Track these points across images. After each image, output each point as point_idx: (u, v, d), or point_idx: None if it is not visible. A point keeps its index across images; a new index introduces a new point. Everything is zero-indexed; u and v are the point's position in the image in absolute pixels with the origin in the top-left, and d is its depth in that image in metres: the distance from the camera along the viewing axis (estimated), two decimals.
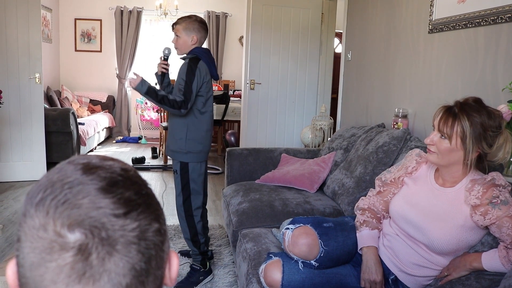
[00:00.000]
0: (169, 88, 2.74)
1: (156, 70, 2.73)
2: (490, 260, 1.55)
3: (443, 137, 1.63)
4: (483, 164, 1.66)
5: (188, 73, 2.47)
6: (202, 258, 2.71)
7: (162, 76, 2.70)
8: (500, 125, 1.59)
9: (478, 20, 2.30)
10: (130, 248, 0.48)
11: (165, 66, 2.67)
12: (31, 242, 0.48)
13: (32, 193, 0.50)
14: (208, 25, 7.64)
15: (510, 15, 2.07)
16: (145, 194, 0.53)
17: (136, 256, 0.48)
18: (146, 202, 0.52)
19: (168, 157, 4.43)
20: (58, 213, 0.47)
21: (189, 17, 2.63)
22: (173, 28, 2.62)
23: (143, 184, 0.55)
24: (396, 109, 3.03)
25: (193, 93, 2.47)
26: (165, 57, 2.67)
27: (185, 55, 2.63)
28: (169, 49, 2.67)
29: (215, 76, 2.64)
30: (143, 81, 2.44)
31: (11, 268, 0.51)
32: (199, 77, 2.49)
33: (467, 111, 1.58)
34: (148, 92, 2.42)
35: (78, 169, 0.52)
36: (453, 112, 1.61)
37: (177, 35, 2.60)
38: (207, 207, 2.80)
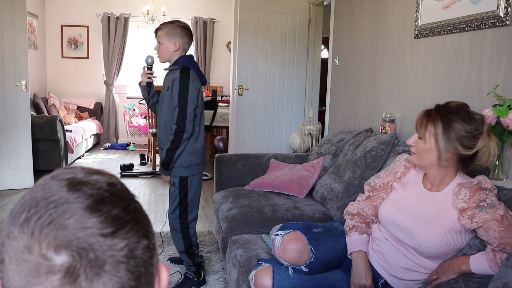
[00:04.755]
0: (154, 99, 2.69)
1: (140, 81, 2.66)
2: (478, 263, 1.56)
3: (420, 137, 1.67)
4: (468, 167, 1.69)
5: (181, 88, 2.40)
6: (196, 269, 2.70)
7: (148, 86, 2.64)
8: (478, 128, 1.60)
9: (462, 26, 2.33)
10: (119, 268, 0.47)
11: (150, 76, 2.62)
12: (16, 265, 0.46)
13: (15, 212, 0.49)
14: (195, 31, 7.70)
15: (493, 21, 2.10)
16: (133, 209, 0.52)
17: (125, 276, 0.47)
18: (134, 218, 0.51)
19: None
20: (43, 235, 0.46)
21: (172, 22, 2.55)
22: (155, 35, 2.56)
23: (131, 198, 0.54)
24: (383, 114, 3.05)
25: (188, 109, 2.40)
26: (149, 66, 2.62)
27: (168, 64, 2.57)
28: (152, 57, 2.63)
29: (205, 81, 2.61)
30: (162, 168, 2.53)
31: None
32: (193, 88, 2.43)
33: (442, 112, 1.63)
34: (166, 162, 2.48)
35: (63, 185, 0.50)
36: (428, 114, 1.66)
37: (159, 42, 2.53)
38: None
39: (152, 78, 2.64)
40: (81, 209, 0.48)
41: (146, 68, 2.63)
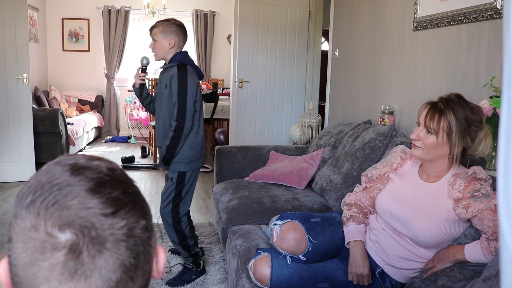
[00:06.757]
0: (148, 99, 2.70)
1: (133, 83, 2.67)
2: (473, 252, 1.59)
3: (429, 132, 1.66)
4: (465, 158, 1.71)
5: (180, 84, 2.40)
6: (194, 259, 2.73)
7: (141, 88, 2.65)
8: (481, 120, 1.64)
9: (460, 18, 2.35)
10: (119, 246, 0.50)
11: (143, 78, 2.62)
12: (23, 242, 0.49)
13: (22, 195, 0.52)
14: (196, 23, 7.70)
15: (490, 13, 2.12)
16: (132, 192, 0.55)
17: (125, 253, 0.51)
18: (133, 200, 0.54)
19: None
20: (48, 214, 0.49)
21: (167, 20, 2.55)
22: (150, 33, 2.54)
23: (130, 182, 0.57)
24: (382, 106, 3.07)
25: (188, 105, 2.40)
26: (144, 68, 2.63)
27: (164, 62, 2.57)
28: (147, 59, 2.62)
29: (202, 76, 2.61)
30: (161, 162, 2.53)
31: (3, 267, 0.53)
32: (192, 83, 2.44)
33: (452, 107, 1.63)
34: (167, 158, 2.48)
35: (66, 170, 0.53)
36: (438, 108, 1.65)
37: (154, 39, 2.52)
38: (194, 205, 2.80)
39: (145, 80, 2.66)
40: (83, 191, 0.51)
41: (140, 70, 2.63)
